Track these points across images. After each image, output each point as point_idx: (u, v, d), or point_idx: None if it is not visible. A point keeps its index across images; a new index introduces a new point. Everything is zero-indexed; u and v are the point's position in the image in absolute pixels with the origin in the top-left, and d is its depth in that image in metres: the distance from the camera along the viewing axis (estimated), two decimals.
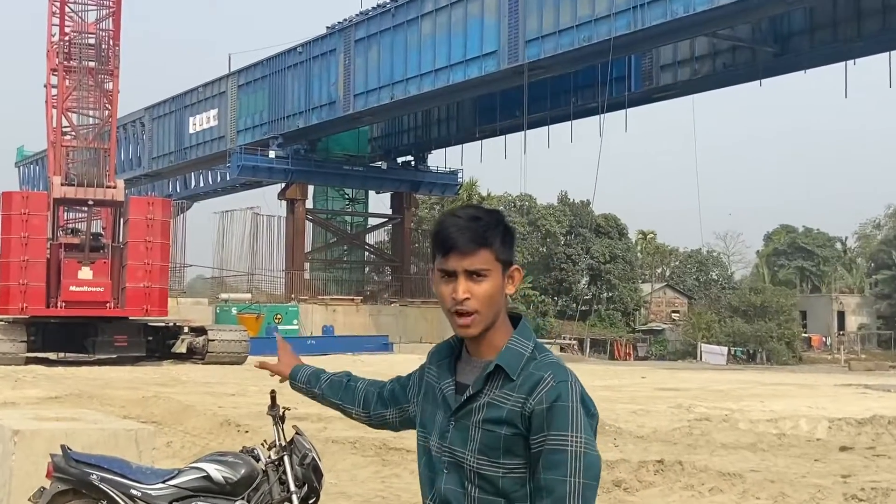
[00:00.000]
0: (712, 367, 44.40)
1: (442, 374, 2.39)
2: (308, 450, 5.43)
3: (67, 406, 15.20)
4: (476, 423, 2.27)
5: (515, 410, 2.23)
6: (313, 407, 14.94)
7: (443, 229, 2.30)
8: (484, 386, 2.28)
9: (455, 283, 2.28)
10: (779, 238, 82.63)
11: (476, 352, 2.35)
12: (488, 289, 2.28)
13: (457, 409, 2.30)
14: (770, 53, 36.57)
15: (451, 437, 2.30)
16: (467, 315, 2.28)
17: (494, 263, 2.29)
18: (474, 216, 2.30)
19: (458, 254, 2.27)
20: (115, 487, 5.29)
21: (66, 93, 33.35)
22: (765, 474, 10.37)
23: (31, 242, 30.57)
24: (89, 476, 5.31)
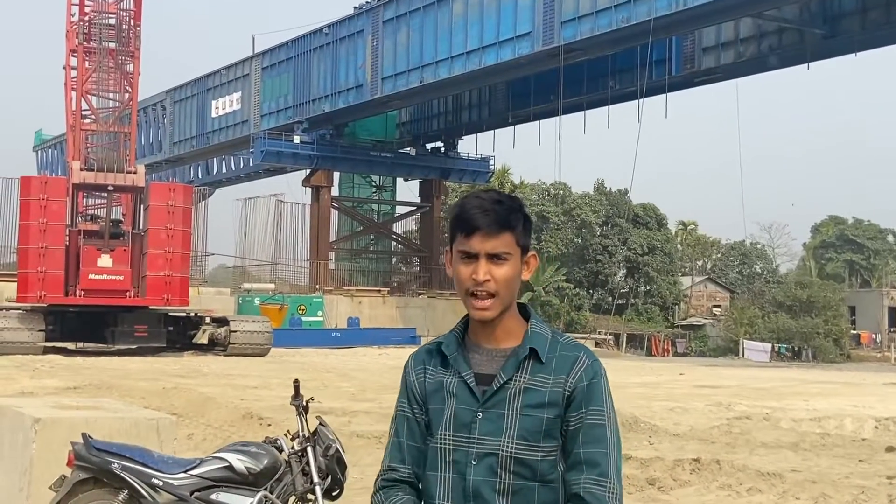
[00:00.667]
0: (755, 365, 44.15)
1: (459, 367, 2.42)
2: (332, 441, 5.53)
3: (86, 397, 15.45)
4: (514, 410, 2.35)
5: (557, 391, 2.36)
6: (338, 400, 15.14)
7: (466, 210, 2.37)
8: (514, 372, 2.37)
9: (475, 265, 2.35)
10: (827, 230, 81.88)
11: (490, 340, 2.43)
12: (508, 272, 2.37)
13: (488, 398, 2.37)
14: (819, 35, 36.19)
15: (479, 428, 2.36)
16: (485, 298, 2.36)
17: (515, 248, 2.38)
18: (497, 199, 2.39)
19: (482, 235, 2.35)
20: (137, 476, 5.43)
21: (85, 75, 33.71)
22: (806, 475, 10.36)
23: (50, 229, 30.95)
24: (111, 465, 5.45)
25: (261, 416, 13.81)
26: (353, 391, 19.89)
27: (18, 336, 29.59)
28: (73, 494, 5.50)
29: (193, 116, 57.10)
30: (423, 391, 2.47)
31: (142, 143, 55.43)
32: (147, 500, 5.41)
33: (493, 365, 2.41)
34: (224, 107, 54.47)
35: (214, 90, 55.49)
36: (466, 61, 40.45)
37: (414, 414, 2.49)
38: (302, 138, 49.38)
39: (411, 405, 2.50)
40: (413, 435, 2.49)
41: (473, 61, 40.15)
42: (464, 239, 2.37)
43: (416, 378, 2.49)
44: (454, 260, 2.41)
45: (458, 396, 2.40)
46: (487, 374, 2.40)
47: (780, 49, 37.98)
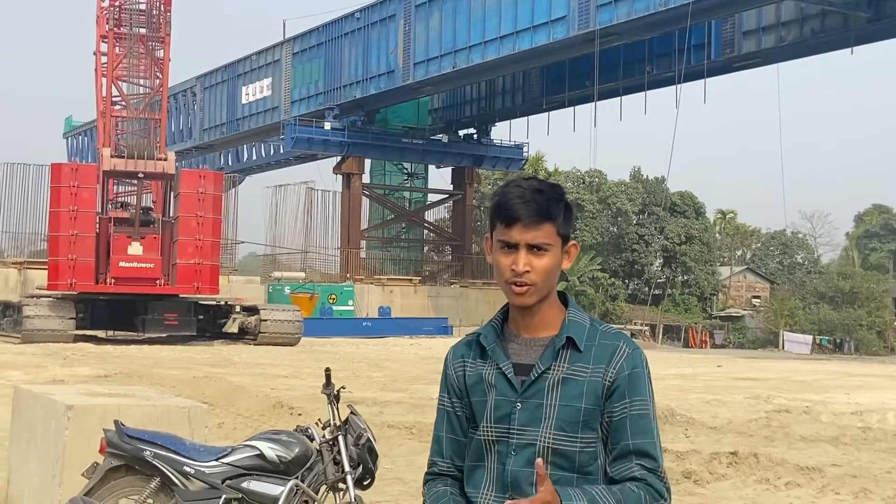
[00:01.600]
0: (795, 357, 43.83)
1: (497, 358, 2.45)
2: (363, 430, 5.59)
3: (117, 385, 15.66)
4: (553, 400, 2.38)
5: (596, 381, 2.38)
6: (369, 390, 15.26)
7: (506, 200, 2.39)
8: (553, 361, 2.40)
9: (515, 256, 2.38)
10: (871, 219, 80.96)
11: (529, 329, 2.46)
12: (548, 263, 2.39)
13: (526, 387, 2.40)
14: (863, 19, 35.71)
15: (518, 418, 2.39)
16: (525, 286, 2.39)
17: (555, 238, 2.40)
18: (538, 188, 2.40)
19: (523, 226, 2.37)
20: (169, 464, 5.52)
21: (116, 61, 34.01)
22: (846, 469, 10.32)
23: (81, 216, 31.32)
24: (143, 452, 5.54)
25: (291, 406, 13.94)
26: (384, 381, 20.00)
27: (49, 324, 30.01)
28: (105, 481, 5.59)
29: (223, 103, 57.45)
30: (463, 384, 2.51)
31: (172, 130, 55.85)
32: (179, 488, 5.49)
33: (531, 354, 2.43)
34: (254, 93, 54.77)
35: (245, 76, 55.79)
36: (500, 46, 40.35)
37: (454, 407, 2.53)
38: (333, 125, 49.51)
39: (451, 399, 2.54)
40: (452, 428, 2.54)
41: (507, 46, 40.05)
42: (504, 229, 2.39)
43: (455, 371, 2.53)
44: (494, 249, 2.44)
45: (497, 387, 2.43)
46: (526, 363, 2.43)
47: (823, 33, 37.53)
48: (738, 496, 9.03)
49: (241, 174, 63.60)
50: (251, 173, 67.33)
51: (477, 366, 2.48)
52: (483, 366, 2.47)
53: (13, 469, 7.57)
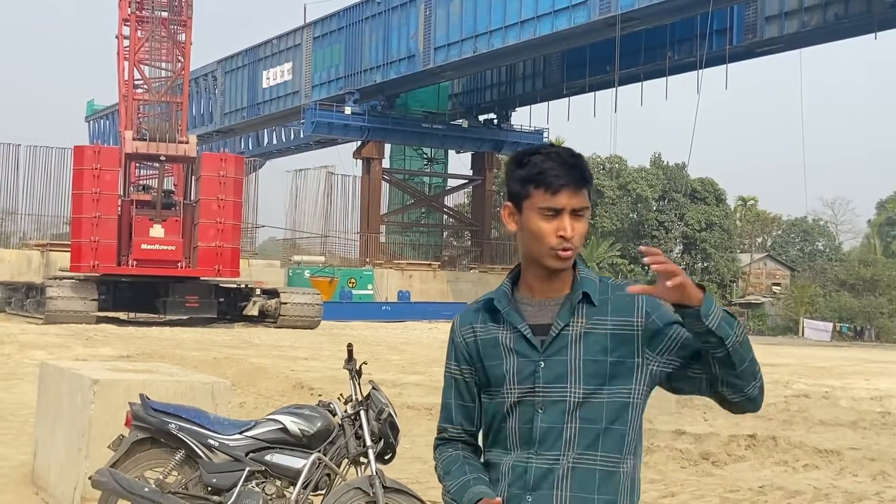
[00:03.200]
0: (815, 344, 43.71)
1: (513, 319, 2.48)
2: (385, 405, 5.64)
3: None
4: (577, 354, 2.43)
5: (624, 332, 2.43)
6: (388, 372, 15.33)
7: (550, 167, 2.42)
8: (571, 317, 2.45)
9: (559, 221, 2.41)
10: (893, 206, 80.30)
11: (545, 291, 2.49)
12: (585, 226, 2.47)
13: (547, 346, 2.44)
14: (887, 4, 35.40)
15: (543, 377, 2.42)
16: (569, 250, 2.43)
17: (588, 202, 2.47)
18: (573, 154, 2.46)
19: (570, 192, 2.41)
20: (194, 437, 5.60)
21: (138, 44, 34.16)
22: (865, 452, 10.32)
23: (103, 199, 31.53)
24: (168, 425, 5.62)
25: (311, 387, 14.05)
26: (404, 364, 20.10)
27: (72, 305, 30.26)
28: (130, 454, 5.68)
29: (244, 87, 57.60)
30: (474, 350, 2.53)
31: (193, 114, 56.07)
32: (203, 460, 5.58)
33: (547, 314, 2.47)
34: (275, 77, 54.87)
35: (265, 60, 55.90)
36: (521, 31, 40.25)
37: (463, 374, 2.57)
38: (353, 109, 49.56)
39: (460, 366, 2.57)
40: (461, 395, 2.58)
41: (528, 31, 39.95)
42: (549, 196, 2.41)
43: (464, 338, 2.55)
44: (532, 216, 2.44)
45: (517, 350, 2.46)
46: (542, 323, 2.46)
47: (847, 18, 37.22)
48: (756, 478, 9.06)
49: (261, 158, 63.81)
50: (271, 157, 67.53)
51: (490, 330, 2.51)
52: (497, 330, 2.50)
53: (39, 443, 7.69)
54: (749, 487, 8.51)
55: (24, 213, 51.61)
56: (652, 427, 11.57)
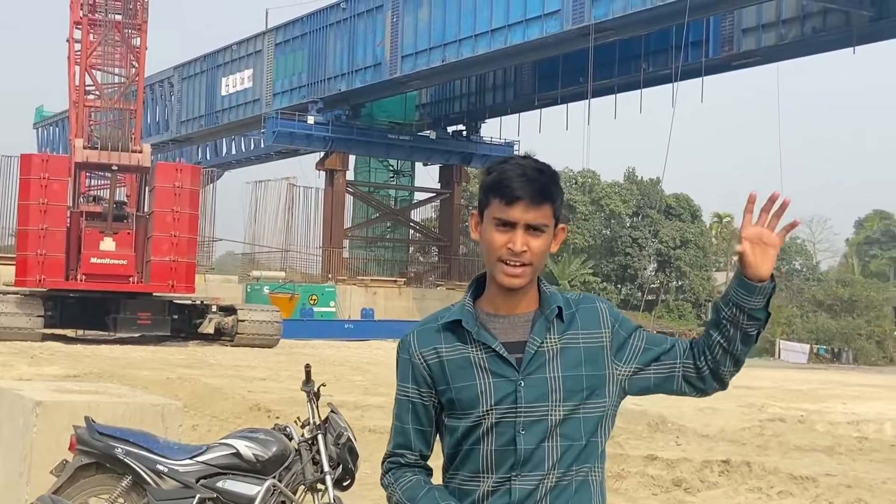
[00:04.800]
0: (791, 366, 44.07)
1: (485, 339, 2.47)
2: (344, 429, 5.62)
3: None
4: (556, 371, 2.45)
5: (595, 346, 2.50)
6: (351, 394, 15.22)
7: (508, 178, 2.43)
8: (547, 334, 2.47)
9: (512, 234, 2.42)
10: (871, 225, 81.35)
11: (512, 307, 2.50)
12: (544, 244, 2.46)
13: (526, 364, 2.44)
14: (866, 17, 35.94)
15: (524, 396, 2.43)
16: (520, 266, 2.44)
17: (551, 220, 2.47)
18: (539, 168, 2.46)
19: (524, 206, 2.42)
20: (141, 462, 5.54)
21: (90, 48, 33.93)
22: (841, 479, 10.40)
23: (51, 210, 31.19)
24: (114, 449, 5.56)
25: (269, 409, 13.96)
26: (367, 385, 20.03)
27: (16, 322, 29.85)
28: (74, 479, 5.61)
29: (202, 94, 57.35)
30: (438, 372, 2.51)
31: (148, 122, 55.74)
32: (151, 487, 5.51)
33: (518, 331, 2.48)
34: (235, 84, 54.68)
35: (225, 67, 55.71)
36: (491, 40, 40.42)
37: (421, 397, 2.55)
38: (316, 119, 49.47)
39: (419, 388, 2.55)
40: (419, 419, 2.57)
41: (499, 40, 40.12)
42: (504, 206, 2.43)
43: (425, 360, 2.53)
44: (487, 226, 2.47)
45: (492, 370, 2.46)
46: (515, 341, 2.47)
47: (825, 31, 37.73)
48: None
49: (219, 169, 63.50)
50: (230, 168, 67.22)
51: (458, 350, 2.49)
52: (466, 349, 2.48)
53: None
54: None
55: None
56: (623, 452, 11.60)
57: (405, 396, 2.58)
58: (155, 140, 55.12)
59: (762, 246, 2.45)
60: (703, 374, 2.55)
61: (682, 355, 2.56)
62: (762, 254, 2.45)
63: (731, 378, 2.59)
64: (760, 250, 2.45)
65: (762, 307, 2.51)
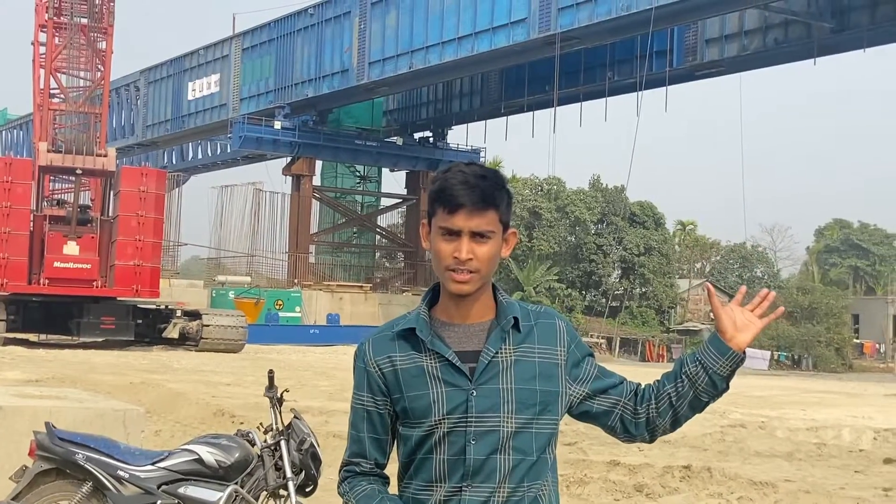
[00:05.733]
0: (752, 372, 44.40)
1: (438, 348, 2.44)
2: (307, 435, 5.60)
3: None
4: (509, 383, 2.43)
5: (550, 362, 2.49)
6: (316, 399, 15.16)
7: (450, 186, 2.41)
8: (502, 344, 2.45)
9: (458, 243, 2.40)
10: (831, 234, 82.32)
11: (465, 316, 2.48)
12: (490, 250, 2.42)
13: (479, 375, 2.42)
14: (827, 29, 36.36)
15: (476, 406, 2.41)
16: (467, 273, 2.41)
17: (497, 225, 2.43)
18: (482, 174, 2.43)
19: (467, 213, 2.39)
20: (102, 468, 5.49)
21: (55, 51, 33.62)
22: (800, 485, 10.49)
23: (14, 213, 30.88)
24: (74, 455, 5.51)
25: (233, 414, 13.88)
26: (332, 390, 19.95)
27: None
28: (34, 485, 5.56)
29: (168, 98, 56.98)
30: (392, 380, 2.48)
31: (113, 126, 55.32)
32: (112, 493, 5.47)
33: (472, 340, 2.46)
34: (201, 89, 54.38)
35: (191, 71, 55.39)
36: (458, 47, 40.50)
37: (377, 406, 2.53)
38: (283, 124, 49.33)
39: (374, 397, 2.52)
40: (374, 427, 2.55)
41: (465, 47, 40.20)
42: (447, 215, 2.40)
43: (379, 368, 2.50)
44: (434, 236, 2.44)
45: (445, 379, 2.43)
46: (469, 350, 2.45)
47: (787, 42, 38.15)
48: None
49: (185, 173, 63.17)
50: (196, 173, 66.87)
51: (412, 358, 2.47)
52: (420, 358, 2.46)
53: None
54: None
55: None
56: (586, 458, 11.65)
57: (361, 405, 2.56)
58: (120, 144, 54.74)
59: (745, 321, 2.51)
60: (639, 419, 2.57)
61: (626, 395, 2.58)
62: (744, 325, 2.49)
63: (660, 435, 2.62)
64: (743, 320, 2.50)
65: (725, 376, 2.53)
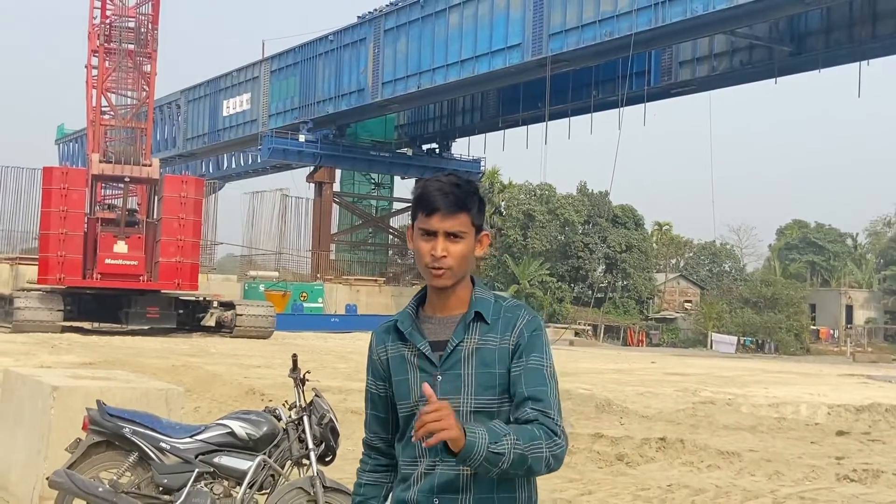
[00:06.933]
0: (721, 356, 44.37)
1: (414, 339, 2.49)
2: (326, 411, 5.61)
3: None
4: (470, 368, 2.44)
5: (505, 348, 2.45)
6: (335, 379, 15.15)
7: (428, 192, 2.46)
8: (465, 335, 2.46)
9: (434, 242, 2.44)
10: (791, 233, 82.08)
11: (443, 308, 2.51)
12: (463, 249, 2.46)
13: (444, 360, 2.45)
14: (786, 52, 36.30)
15: (441, 389, 2.42)
16: (442, 269, 2.45)
17: (470, 227, 2.47)
18: (456, 183, 2.47)
19: (441, 216, 2.44)
20: (146, 440, 5.51)
21: (105, 74, 33.67)
22: (762, 454, 10.49)
23: (70, 216, 30.97)
24: (122, 429, 5.52)
25: (262, 393, 13.90)
26: (349, 372, 19.97)
27: (39, 315, 29.63)
28: (87, 456, 5.57)
29: (206, 115, 57.00)
30: (386, 366, 2.55)
31: (157, 139, 55.29)
32: (155, 462, 5.48)
33: (446, 331, 2.49)
34: (235, 106, 54.40)
35: (226, 91, 55.40)
36: (461, 69, 40.46)
37: (377, 389, 2.59)
38: (307, 137, 49.34)
39: (376, 381, 2.59)
40: (376, 406, 2.61)
41: (467, 69, 40.17)
42: (425, 218, 2.45)
43: (378, 356, 2.57)
44: (415, 236, 2.49)
45: (419, 366, 2.48)
46: (442, 340, 2.48)
47: (751, 64, 38.07)
48: (665, 477, 9.15)
49: (221, 181, 63.09)
50: (230, 180, 66.82)
51: (398, 348, 2.52)
52: (403, 348, 2.51)
53: (1, 445, 7.49)
54: (658, 486, 8.59)
55: None
56: (573, 431, 11.64)
57: (368, 387, 2.64)
58: (163, 155, 54.72)
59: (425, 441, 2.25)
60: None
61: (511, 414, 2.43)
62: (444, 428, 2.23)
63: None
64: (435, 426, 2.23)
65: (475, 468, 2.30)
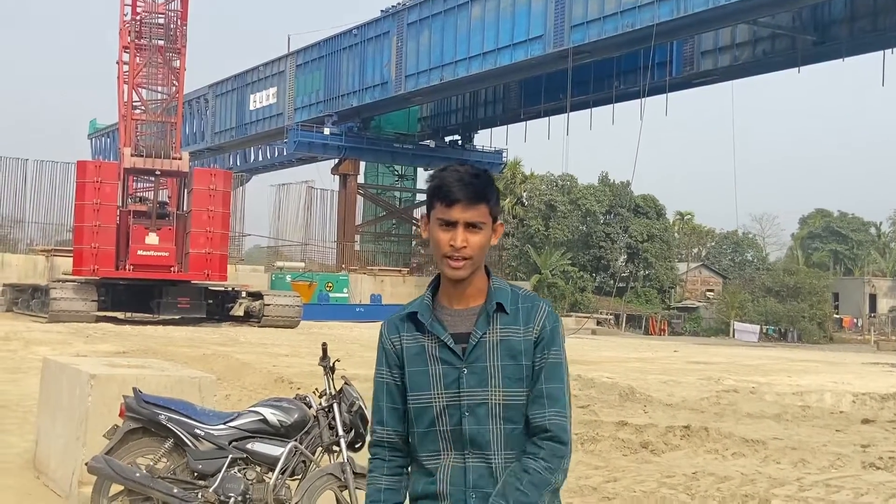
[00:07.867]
0: (744, 344, 44.09)
1: (437, 331, 2.44)
2: (356, 398, 5.62)
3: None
4: (496, 360, 2.41)
5: (529, 339, 2.43)
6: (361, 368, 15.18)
7: (447, 183, 2.42)
8: (487, 326, 2.43)
9: (454, 232, 2.41)
10: (814, 221, 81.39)
11: (460, 300, 2.47)
12: (482, 239, 2.43)
13: (469, 353, 2.42)
14: (809, 41, 35.91)
15: (466, 382, 2.40)
16: (461, 259, 2.42)
17: (488, 217, 2.44)
18: (475, 173, 2.44)
19: (462, 206, 2.40)
20: (181, 427, 5.55)
21: (136, 69, 33.88)
22: (787, 442, 10.41)
23: (103, 209, 31.24)
24: (158, 416, 5.57)
25: (291, 381, 13.95)
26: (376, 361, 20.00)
27: (73, 305, 29.93)
28: (124, 442, 5.63)
29: (233, 109, 57.23)
30: (401, 356, 2.49)
31: (186, 133, 55.57)
32: (190, 448, 5.53)
33: (466, 323, 2.45)
34: (261, 100, 54.58)
35: (252, 85, 55.59)
36: (483, 61, 40.36)
37: (393, 378, 2.52)
38: (331, 130, 49.44)
39: (391, 370, 2.52)
40: (392, 398, 2.53)
41: (489, 61, 40.06)
42: (444, 208, 2.41)
43: (392, 346, 2.51)
44: (433, 226, 2.45)
45: (441, 358, 2.44)
46: (463, 332, 2.44)
47: (773, 53, 37.70)
48: (690, 464, 9.11)
49: (248, 173, 63.37)
50: (257, 173, 67.08)
51: (416, 339, 2.48)
52: (422, 339, 2.47)
53: (41, 432, 7.58)
54: (683, 473, 8.55)
55: (31, 222, 50.98)
56: (597, 419, 11.62)
57: (381, 378, 2.55)
58: (192, 149, 54.96)
59: None
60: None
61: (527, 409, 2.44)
62: None
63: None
64: None
65: None
